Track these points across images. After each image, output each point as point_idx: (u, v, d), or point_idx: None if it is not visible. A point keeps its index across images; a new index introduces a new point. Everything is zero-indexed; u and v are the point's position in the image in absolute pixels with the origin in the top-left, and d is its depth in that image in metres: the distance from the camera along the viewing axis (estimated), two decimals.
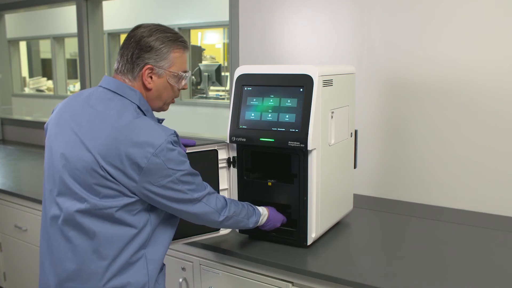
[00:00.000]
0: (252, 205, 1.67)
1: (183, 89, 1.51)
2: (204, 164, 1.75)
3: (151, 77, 1.42)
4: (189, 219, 1.47)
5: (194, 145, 1.72)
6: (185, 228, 1.71)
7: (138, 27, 1.43)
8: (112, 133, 1.32)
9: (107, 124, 1.34)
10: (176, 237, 1.69)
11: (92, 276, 1.37)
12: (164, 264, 1.56)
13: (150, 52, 1.39)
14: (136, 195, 1.35)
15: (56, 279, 1.42)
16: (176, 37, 1.44)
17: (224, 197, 1.54)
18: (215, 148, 1.78)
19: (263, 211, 1.69)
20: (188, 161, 1.39)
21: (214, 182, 1.78)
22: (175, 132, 1.39)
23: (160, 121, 1.50)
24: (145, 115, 1.41)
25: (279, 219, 1.74)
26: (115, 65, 1.45)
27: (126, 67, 1.41)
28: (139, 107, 1.40)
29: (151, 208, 1.40)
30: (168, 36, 1.42)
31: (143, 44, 1.39)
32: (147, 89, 1.43)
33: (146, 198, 1.36)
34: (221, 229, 1.84)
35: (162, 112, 1.58)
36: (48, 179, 1.44)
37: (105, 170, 1.31)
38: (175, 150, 1.35)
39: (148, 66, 1.40)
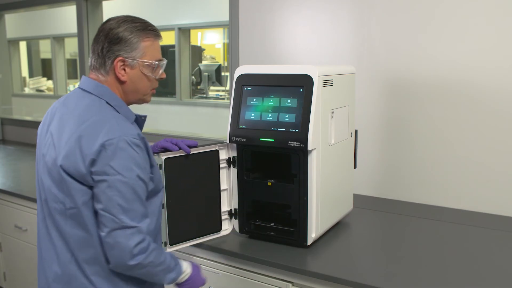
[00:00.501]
0: (176, 258, 1.46)
1: (161, 78, 1.46)
2: (205, 165, 1.75)
3: (124, 70, 1.38)
4: (95, 241, 1.32)
5: (196, 146, 1.72)
6: (186, 232, 1.69)
7: (107, 20, 1.40)
8: (73, 129, 1.32)
9: (72, 122, 1.33)
10: (178, 240, 1.67)
11: (73, 280, 1.36)
12: None
13: (119, 44, 1.36)
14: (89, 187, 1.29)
15: (46, 280, 1.44)
16: (145, 26, 1.39)
17: (149, 242, 1.33)
18: (216, 148, 1.78)
19: (186, 268, 1.48)
20: (137, 173, 1.29)
21: (215, 183, 1.78)
22: (139, 135, 1.32)
23: (142, 117, 1.47)
24: (117, 111, 1.37)
25: (199, 282, 1.54)
26: (89, 61, 1.43)
27: (98, 62, 1.38)
28: (108, 103, 1.37)
29: None
30: (136, 26, 1.38)
31: (112, 36, 1.36)
32: (122, 82, 1.39)
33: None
34: (222, 229, 1.83)
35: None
36: (37, 182, 1.45)
37: (63, 167, 1.30)
38: (127, 152, 1.27)
39: (119, 58, 1.36)
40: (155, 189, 1.42)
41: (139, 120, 1.47)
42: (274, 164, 1.81)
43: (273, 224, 1.81)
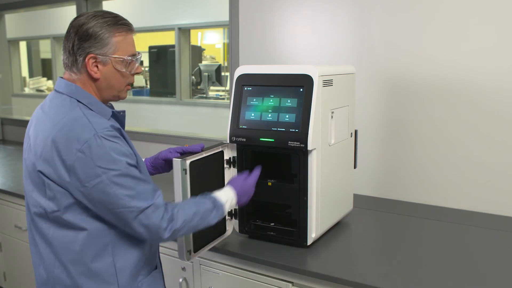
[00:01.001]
0: (211, 196, 1.47)
1: (137, 73, 1.41)
2: (214, 166, 1.74)
3: (96, 67, 1.33)
4: (131, 233, 1.33)
5: (203, 148, 1.70)
6: (204, 236, 1.66)
7: (77, 16, 1.36)
8: (48, 131, 1.29)
9: (46, 124, 1.31)
10: (200, 247, 1.65)
11: (57, 283, 1.35)
12: (156, 268, 1.50)
13: (89, 41, 1.31)
14: (73, 197, 1.28)
15: (36, 283, 1.44)
16: (115, 20, 1.34)
17: (172, 209, 1.35)
18: (221, 149, 1.77)
19: (226, 196, 1.50)
20: (124, 161, 1.27)
21: (220, 184, 1.78)
22: (112, 126, 1.29)
23: (120, 112, 1.42)
24: (90, 109, 1.33)
25: (249, 187, 1.58)
26: (62, 60, 1.39)
27: (70, 60, 1.35)
28: (79, 101, 1.33)
29: None
30: (106, 21, 1.33)
31: (82, 33, 1.31)
32: (95, 80, 1.35)
33: (83, 201, 1.28)
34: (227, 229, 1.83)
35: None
36: (24, 187, 1.44)
37: (41, 171, 1.28)
38: (106, 146, 1.24)
39: (91, 55, 1.32)
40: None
41: (118, 116, 1.42)
42: (274, 164, 1.81)
43: (273, 224, 1.81)
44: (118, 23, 1.35)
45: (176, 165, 1.53)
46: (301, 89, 1.66)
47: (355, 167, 2.05)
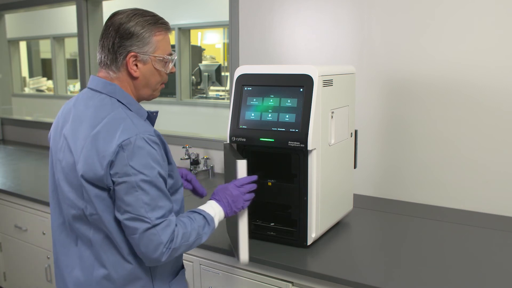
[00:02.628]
0: (200, 210, 1.41)
1: (171, 72, 1.42)
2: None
3: (136, 65, 1.34)
4: (132, 243, 1.29)
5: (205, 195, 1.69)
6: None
7: (115, 14, 1.35)
8: (87, 131, 1.28)
9: (85, 123, 1.30)
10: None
11: (95, 285, 1.33)
12: (183, 268, 1.52)
13: (131, 39, 1.31)
14: (110, 197, 1.27)
15: (65, 286, 1.39)
16: (156, 20, 1.35)
17: (178, 230, 1.31)
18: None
19: (213, 210, 1.44)
20: (157, 170, 1.26)
21: None
22: (155, 131, 1.30)
23: (153, 113, 1.43)
24: (129, 109, 1.34)
25: (238, 202, 1.48)
26: (98, 58, 1.37)
27: (109, 58, 1.33)
28: (119, 101, 1.33)
29: None
30: (147, 20, 1.33)
31: (123, 31, 1.31)
32: (134, 78, 1.35)
33: (114, 196, 1.27)
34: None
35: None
36: (51, 188, 1.42)
37: (79, 170, 1.27)
38: (145, 149, 1.24)
39: (132, 53, 1.32)
40: (175, 185, 1.39)
41: (151, 117, 1.42)
42: (274, 164, 1.81)
43: (273, 224, 1.81)
44: (159, 22, 1.36)
45: (241, 165, 1.53)
46: (301, 89, 1.66)
47: (355, 167, 2.04)
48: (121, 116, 1.29)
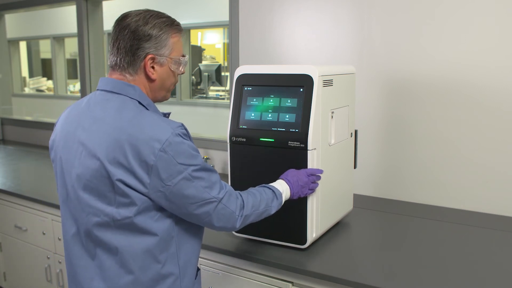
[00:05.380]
0: (269, 186, 1.55)
1: (182, 73, 1.44)
2: None
3: (153, 67, 1.33)
4: (207, 225, 1.36)
5: None
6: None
7: (127, 16, 1.32)
8: (114, 134, 1.24)
9: (108, 125, 1.25)
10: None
11: (142, 284, 1.31)
12: (199, 269, 1.53)
13: (149, 41, 1.30)
14: (150, 199, 1.25)
15: None
16: (171, 21, 1.35)
17: (240, 194, 1.42)
18: None
19: (281, 187, 1.56)
20: (200, 156, 1.30)
21: None
22: (182, 124, 1.30)
23: (166, 115, 1.41)
24: (147, 109, 1.32)
25: (301, 177, 1.61)
26: (111, 61, 1.34)
27: (126, 60, 1.31)
28: (140, 103, 1.31)
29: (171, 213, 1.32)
30: (164, 21, 1.33)
31: (142, 34, 1.29)
32: (151, 80, 1.34)
33: (160, 202, 1.26)
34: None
35: (167, 108, 1.55)
36: (62, 197, 1.38)
37: (114, 174, 1.22)
38: (185, 143, 1.25)
39: (150, 56, 1.31)
40: None
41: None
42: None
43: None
44: (174, 24, 1.36)
45: (313, 156, 1.65)
46: (301, 89, 1.66)
47: (355, 167, 2.04)
48: (150, 117, 1.27)
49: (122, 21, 1.32)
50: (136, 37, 1.29)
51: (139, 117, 1.26)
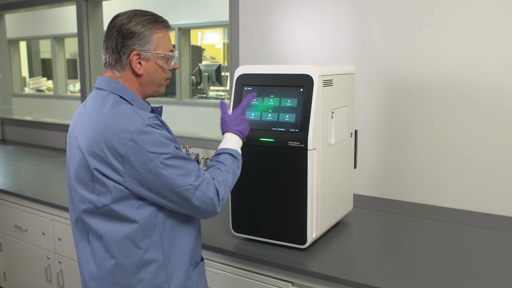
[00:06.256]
0: (223, 149, 1.56)
1: (174, 68, 1.48)
2: None
3: (139, 63, 1.39)
4: (188, 213, 1.40)
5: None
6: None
7: (116, 16, 1.41)
8: (93, 127, 1.34)
9: (90, 120, 1.36)
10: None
11: (109, 276, 1.38)
12: (202, 260, 1.57)
13: (133, 38, 1.37)
14: (127, 188, 1.32)
15: (84, 280, 1.47)
16: (155, 18, 1.42)
17: (216, 183, 1.42)
18: None
19: (233, 143, 1.58)
20: (173, 145, 1.34)
21: None
22: (156, 116, 1.36)
23: (158, 108, 1.49)
24: (130, 103, 1.39)
25: (240, 118, 1.63)
26: (103, 60, 1.43)
27: (113, 58, 1.39)
28: (121, 97, 1.39)
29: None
30: (147, 19, 1.40)
31: (125, 31, 1.37)
32: (138, 76, 1.41)
33: (139, 190, 1.32)
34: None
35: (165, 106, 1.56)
36: (68, 188, 1.49)
37: (91, 164, 1.32)
38: (155, 132, 1.31)
39: (135, 52, 1.37)
40: None
41: (156, 112, 1.49)
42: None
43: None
44: (158, 20, 1.42)
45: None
46: (301, 89, 1.66)
47: (355, 167, 2.04)
48: (124, 109, 1.34)
49: (111, 22, 1.42)
50: (120, 35, 1.37)
51: (115, 110, 1.34)
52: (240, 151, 1.57)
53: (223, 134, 1.62)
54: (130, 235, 1.35)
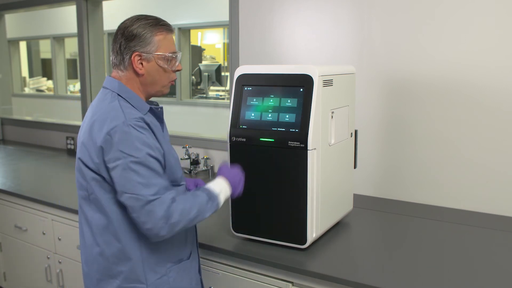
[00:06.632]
0: (204, 188, 1.53)
1: (178, 70, 1.54)
2: None
3: (141, 64, 1.46)
4: (136, 223, 1.39)
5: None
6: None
7: (123, 21, 1.49)
8: (87, 119, 1.46)
9: (88, 115, 1.48)
10: None
11: (95, 262, 1.48)
12: (191, 259, 1.58)
13: (134, 40, 1.44)
14: (103, 178, 1.40)
15: (81, 262, 1.58)
16: (156, 22, 1.48)
17: (173, 201, 1.40)
18: None
19: (220, 187, 1.55)
20: (146, 151, 1.36)
21: None
22: (142, 118, 1.40)
23: (158, 108, 1.53)
24: (129, 102, 1.45)
25: (240, 182, 1.63)
26: (110, 61, 1.52)
27: (117, 59, 1.48)
28: (119, 95, 1.45)
29: None
30: (149, 22, 1.46)
31: (127, 34, 1.45)
32: (139, 75, 1.47)
33: (111, 182, 1.39)
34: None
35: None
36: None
37: (78, 153, 1.46)
38: (132, 134, 1.35)
39: (136, 53, 1.44)
40: (171, 178, 1.48)
41: (156, 112, 1.52)
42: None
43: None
44: (159, 23, 1.48)
45: None
46: (301, 89, 1.66)
47: (355, 167, 2.05)
48: (114, 106, 1.41)
49: (118, 26, 1.50)
50: (123, 38, 1.46)
51: (107, 106, 1.42)
52: (221, 201, 1.54)
53: (217, 176, 1.61)
54: (109, 227, 1.44)
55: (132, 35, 1.44)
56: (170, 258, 1.52)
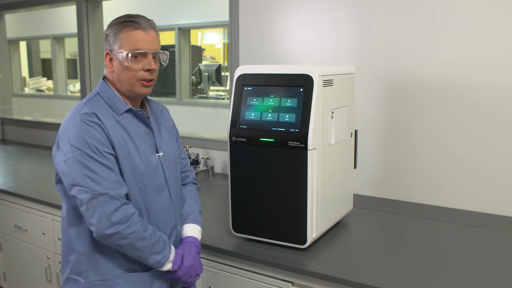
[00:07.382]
0: (166, 243, 1.47)
1: (148, 70, 1.45)
2: None
3: (111, 62, 1.48)
4: (84, 216, 1.38)
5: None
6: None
7: None
8: None
9: None
10: None
11: (62, 246, 1.56)
12: (147, 271, 1.49)
13: (106, 40, 1.48)
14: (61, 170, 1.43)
15: None
16: (124, 19, 1.46)
17: (132, 213, 1.39)
18: None
19: (171, 257, 1.48)
20: (94, 145, 1.36)
21: None
22: (93, 113, 1.39)
23: (139, 111, 1.51)
24: (106, 101, 1.47)
25: (196, 270, 1.54)
26: None
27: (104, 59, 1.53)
28: (99, 94, 1.49)
29: None
30: (118, 21, 1.46)
31: (105, 34, 1.50)
32: (110, 73, 1.50)
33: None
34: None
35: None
36: None
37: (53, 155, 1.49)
38: (81, 128, 1.37)
39: (106, 51, 1.48)
40: (144, 182, 1.48)
41: (137, 114, 1.51)
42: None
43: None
44: (126, 20, 1.45)
45: None
46: (301, 89, 1.66)
47: (355, 167, 2.05)
48: (79, 104, 1.46)
49: None
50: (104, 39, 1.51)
51: (78, 103, 1.47)
52: (165, 266, 1.46)
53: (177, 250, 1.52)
54: (66, 217, 1.50)
55: (106, 34, 1.48)
56: (120, 264, 1.46)
